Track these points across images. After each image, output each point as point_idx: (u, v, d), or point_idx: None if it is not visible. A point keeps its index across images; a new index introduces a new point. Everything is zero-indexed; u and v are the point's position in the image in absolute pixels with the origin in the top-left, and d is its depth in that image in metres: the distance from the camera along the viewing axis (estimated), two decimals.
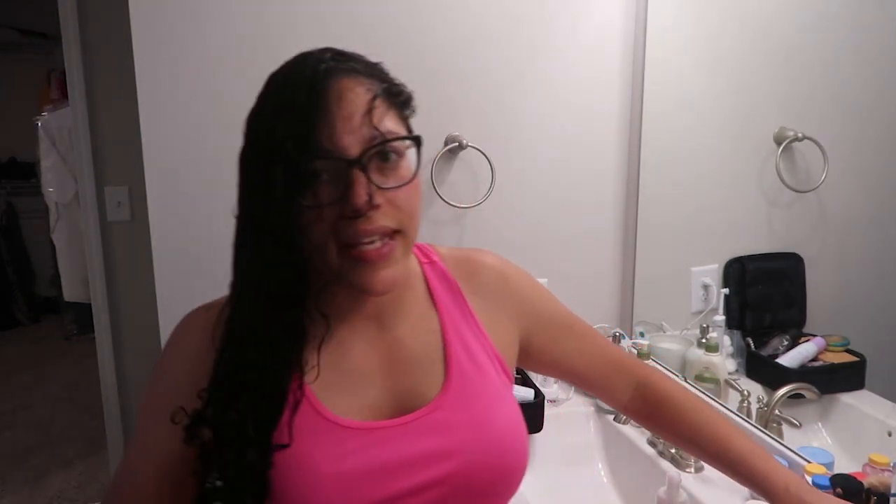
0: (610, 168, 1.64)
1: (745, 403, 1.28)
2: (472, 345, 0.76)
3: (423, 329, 0.75)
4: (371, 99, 0.63)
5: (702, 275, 1.46)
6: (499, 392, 0.75)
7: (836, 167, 1.16)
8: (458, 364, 0.73)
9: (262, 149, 0.63)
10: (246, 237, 0.66)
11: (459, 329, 0.76)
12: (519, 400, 1.37)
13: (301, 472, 0.63)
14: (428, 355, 0.74)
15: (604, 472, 1.40)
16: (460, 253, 0.84)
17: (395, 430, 0.68)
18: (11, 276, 4.73)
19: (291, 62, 0.66)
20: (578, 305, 1.63)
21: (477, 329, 0.78)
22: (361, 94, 0.63)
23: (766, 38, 1.32)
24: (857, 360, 1.16)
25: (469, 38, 1.48)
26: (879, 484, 0.89)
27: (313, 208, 0.61)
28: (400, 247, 0.65)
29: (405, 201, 0.65)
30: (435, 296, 0.77)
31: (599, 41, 1.57)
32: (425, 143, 0.72)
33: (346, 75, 0.64)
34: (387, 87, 0.67)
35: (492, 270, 0.83)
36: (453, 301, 0.78)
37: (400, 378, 0.72)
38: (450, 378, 0.72)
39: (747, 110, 1.38)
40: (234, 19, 1.34)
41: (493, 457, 0.70)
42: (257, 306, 0.65)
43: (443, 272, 0.80)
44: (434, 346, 0.74)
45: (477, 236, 1.56)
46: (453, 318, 0.77)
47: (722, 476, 1.19)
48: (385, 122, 0.64)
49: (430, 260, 0.80)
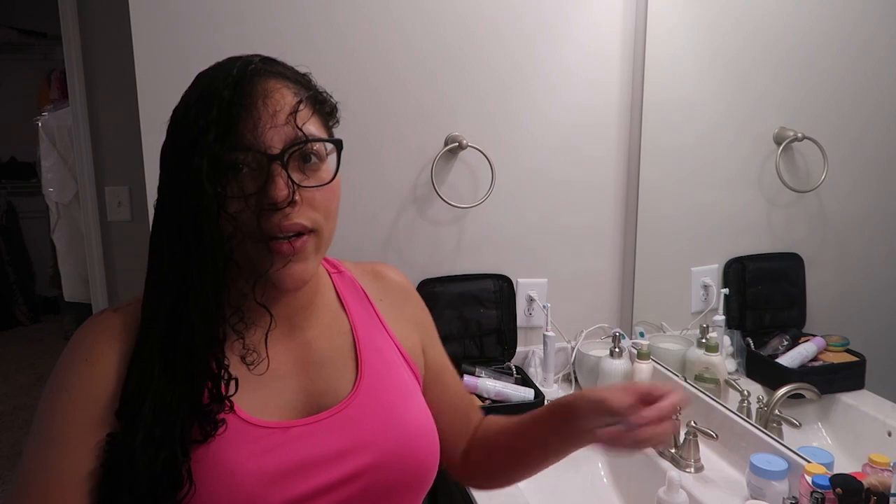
0: (610, 168, 1.64)
1: (745, 403, 1.28)
2: (381, 345, 0.80)
3: (334, 332, 0.78)
4: (297, 102, 0.65)
5: (702, 275, 1.46)
6: (408, 389, 0.78)
7: (836, 167, 1.16)
8: (370, 363, 0.76)
9: (184, 141, 0.64)
10: (163, 233, 0.66)
11: (369, 331, 0.80)
12: (518, 400, 1.39)
13: (218, 471, 0.63)
14: (340, 356, 0.76)
15: (604, 472, 1.40)
16: (365, 264, 0.89)
17: (309, 427, 0.69)
18: (11, 276, 4.73)
19: (219, 63, 0.68)
20: (578, 305, 1.65)
21: (385, 331, 0.82)
22: (287, 96, 0.65)
23: (766, 37, 1.32)
24: (857, 360, 1.16)
25: (469, 39, 1.48)
26: (879, 484, 0.89)
27: (232, 199, 0.62)
28: (312, 244, 0.67)
29: (322, 203, 0.67)
30: (344, 301, 0.81)
31: (599, 41, 1.57)
32: (425, 143, 0.72)
33: (273, 77, 0.66)
34: (313, 95, 0.69)
35: (395, 283, 0.89)
36: (361, 306, 0.82)
37: (313, 378, 0.73)
38: (361, 376, 0.75)
39: (747, 110, 1.38)
40: (234, 19, 1.34)
41: (405, 450, 0.72)
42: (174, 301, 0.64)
43: (350, 280, 0.84)
44: (345, 347, 0.77)
45: (477, 236, 1.56)
46: (363, 321, 0.80)
47: (722, 476, 1.20)
48: (309, 127, 0.66)
49: (337, 270, 0.84)
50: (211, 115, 0.62)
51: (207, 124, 0.62)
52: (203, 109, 0.63)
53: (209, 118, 0.62)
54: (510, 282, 1.59)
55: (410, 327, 0.86)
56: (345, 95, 1.55)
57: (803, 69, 1.25)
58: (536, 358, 1.59)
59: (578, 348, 1.60)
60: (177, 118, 0.67)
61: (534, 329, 1.63)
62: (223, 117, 0.62)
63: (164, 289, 0.65)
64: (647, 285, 1.62)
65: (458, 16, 1.47)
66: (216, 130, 0.62)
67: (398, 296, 0.87)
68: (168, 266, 0.65)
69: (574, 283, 1.65)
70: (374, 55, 1.43)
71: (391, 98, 1.46)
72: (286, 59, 0.70)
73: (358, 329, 0.79)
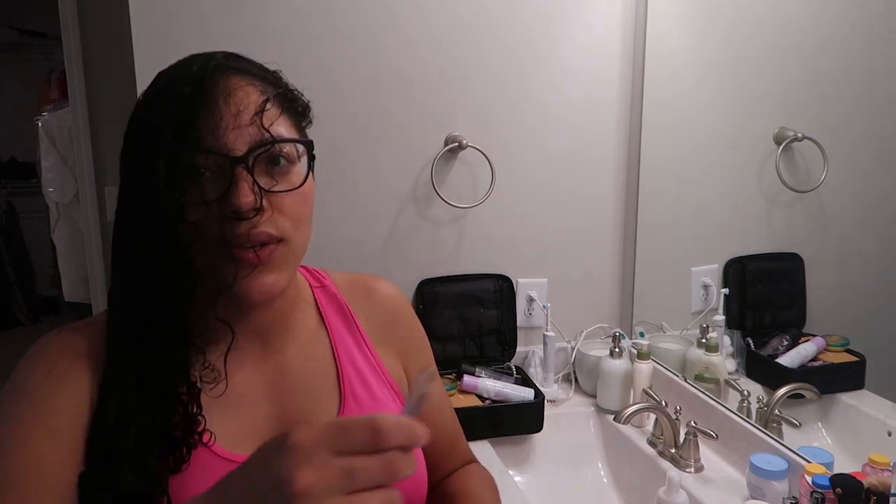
0: (610, 168, 1.64)
1: (745, 403, 1.28)
2: (364, 371, 0.73)
3: (313, 353, 0.71)
4: (263, 101, 0.60)
5: (702, 275, 1.46)
6: None
7: (836, 167, 1.16)
8: (352, 390, 0.70)
9: (140, 142, 0.59)
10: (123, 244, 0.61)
11: (352, 354, 0.73)
12: (518, 400, 1.39)
13: None
14: (318, 380, 0.70)
15: (604, 472, 1.41)
16: (355, 277, 0.81)
17: None
18: (11, 276, 4.73)
19: (181, 60, 0.64)
20: (578, 305, 1.65)
21: (370, 354, 0.75)
22: (252, 94, 0.60)
23: (767, 37, 1.32)
24: (857, 360, 1.16)
25: (469, 39, 1.48)
26: (879, 484, 0.89)
27: (192, 206, 0.57)
28: (281, 254, 0.61)
29: (292, 209, 0.61)
30: (326, 319, 0.74)
31: (599, 41, 1.57)
32: (425, 143, 0.71)
33: (237, 74, 0.61)
34: (281, 93, 0.63)
35: (386, 298, 0.81)
36: (345, 325, 0.75)
37: (286, 405, 0.67)
38: (344, 405, 0.69)
39: (747, 110, 1.38)
40: (234, 19, 1.34)
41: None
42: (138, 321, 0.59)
43: (334, 295, 0.77)
44: (325, 371, 0.71)
45: (477, 236, 1.56)
46: (345, 343, 0.74)
47: (722, 476, 1.20)
48: (277, 128, 0.61)
49: (321, 283, 0.78)
50: (168, 114, 0.57)
51: (165, 124, 0.57)
52: (160, 108, 0.58)
53: (166, 117, 0.57)
54: (510, 282, 1.59)
55: (398, 348, 0.79)
56: (344, 95, 1.55)
57: (803, 69, 1.25)
58: (536, 358, 1.58)
59: (578, 348, 1.60)
60: (133, 117, 0.61)
61: (534, 329, 1.63)
62: (182, 116, 0.57)
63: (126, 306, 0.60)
64: (647, 285, 1.62)
65: (458, 15, 1.47)
66: (174, 131, 0.56)
67: (388, 314, 0.80)
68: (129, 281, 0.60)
69: (574, 283, 1.65)
70: (374, 55, 1.43)
71: (391, 98, 1.45)
72: (280, 61, 0.67)
73: (339, 351, 0.73)
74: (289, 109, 0.64)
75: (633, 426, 1.37)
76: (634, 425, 1.38)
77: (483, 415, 1.36)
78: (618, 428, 1.37)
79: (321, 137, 1.36)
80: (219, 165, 0.58)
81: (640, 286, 1.63)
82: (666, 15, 1.51)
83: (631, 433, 1.36)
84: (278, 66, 0.67)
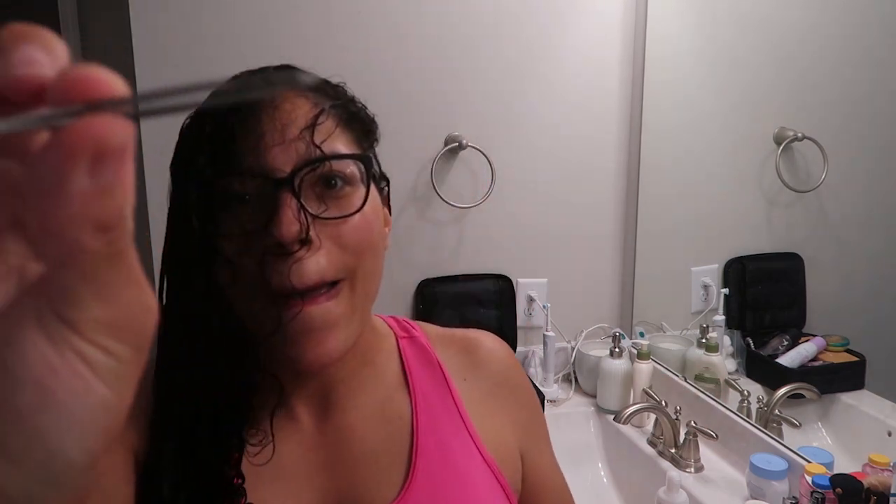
0: (610, 168, 1.64)
1: (745, 403, 1.28)
2: (450, 441, 0.59)
3: (386, 415, 0.59)
4: (316, 114, 0.50)
5: (702, 275, 1.46)
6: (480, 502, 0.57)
7: (836, 167, 1.16)
8: (427, 463, 0.56)
9: (177, 167, 0.51)
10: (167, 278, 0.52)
11: (437, 419, 0.59)
12: None
13: None
14: (388, 449, 0.57)
15: (604, 472, 1.40)
16: (453, 330, 0.68)
17: None
18: None
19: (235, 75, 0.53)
20: (578, 305, 1.65)
21: (461, 421, 0.60)
22: (303, 107, 0.50)
23: (767, 37, 1.32)
24: (857, 360, 1.16)
25: (469, 39, 1.48)
26: (879, 484, 0.89)
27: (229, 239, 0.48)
28: (344, 301, 0.50)
29: (352, 237, 0.50)
30: (410, 375, 0.61)
31: (599, 41, 1.57)
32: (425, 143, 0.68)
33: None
34: (340, 104, 0.53)
35: (493, 359, 0.66)
36: (433, 384, 0.62)
37: (346, 478, 0.56)
38: (412, 482, 0.55)
39: (747, 110, 1.38)
40: (234, 19, 1.34)
41: None
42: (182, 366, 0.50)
43: (424, 348, 0.64)
44: (398, 437, 0.58)
45: (477, 236, 1.56)
46: (430, 405, 0.60)
47: (722, 476, 1.20)
48: (333, 143, 0.50)
49: (408, 334, 0.65)
50: (204, 133, 0.49)
51: (200, 144, 0.49)
52: (197, 129, 0.50)
53: (202, 136, 0.49)
54: (510, 282, 1.59)
55: (504, 420, 0.64)
56: None
57: (803, 69, 1.25)
58: (536, 358, 1.59)
59: (578, 348, 1.60)
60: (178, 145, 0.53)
61: (534, 329, 1.63)
62: (218, 135, 0.48)
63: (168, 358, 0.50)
64: (647, 285, 1.62)
65: (458, 15, 1.47)
66: (209, 150, 0.48)
67: (493, 376, 0.65)
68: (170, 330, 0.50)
69: (574, 283, 1.65)
70: (374, 55, 1.43)
71: (391, 98, 1.45)
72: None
73: (420, 414, 0.59)
74: (349, 124, 0.53)
75: (633, 426, 1.37)
76: (634, 425, 1.38)
77: None
78: (618, 428, 1.37)
79: None
80: (260, 190, 0.48)
81: (640, 286, 1.63)
82: (666, 16, 1.51)
83: (631, 433, 1.36)
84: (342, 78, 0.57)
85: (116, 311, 0.19)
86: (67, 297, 0.18)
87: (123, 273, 0.19)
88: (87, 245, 0.17)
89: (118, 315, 0.19)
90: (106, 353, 0.19)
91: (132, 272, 0.19)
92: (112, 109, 0.18)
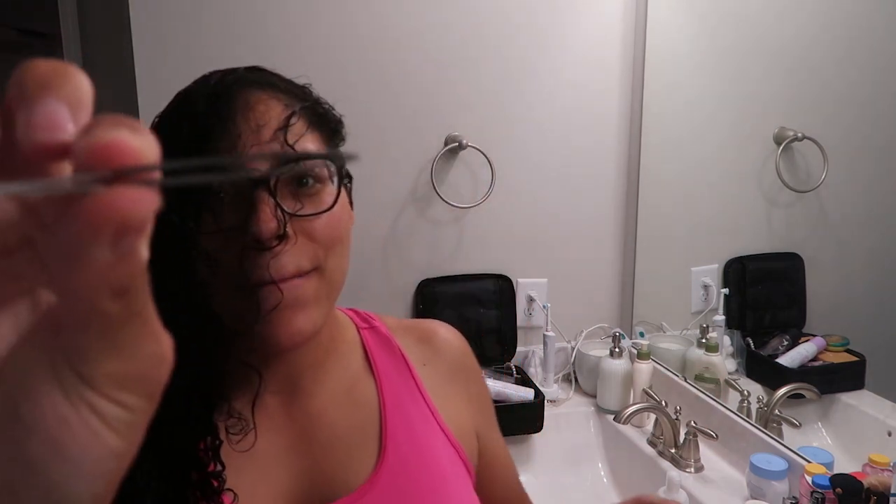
0: (610, 167, 1.64)
1: (745, 403, 1.28)
2: (415, 420, 0.63)
3: (353, 400, 0.63)
4: (288, 115, 0.53)
5: (702, 275, 1.46)
6: (448, 476, 0.62)
7: (836, 167, 1.16)
8: (396, 445, 0.61)
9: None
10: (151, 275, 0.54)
11: (402, 401, 0.64)
12: (518, 400, 1.39)
13: None
14: (357, 432, 0.61)
15: (604, 472, 1.41)
16: (411, 321, 0.74)
17: None
18: None
19: (202, 76, 0.58)
20: (578, 305, 1.65)
21: (424, 404, 0.65)
22: (275, 108, 0.53)
23: (767, 38, 1.32)
24: (857, 360, 1.16)
25: (469, 39, 1.48)
26: (879, 484, 0.89)
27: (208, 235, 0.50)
28: (313, 286, 0.53)
29: (324, 232, 0.53)
30: (374, 362, 0.65)
31: (599, 41, 1.57)
32: (425, 143, 0.69)
33: (258, 87, 0.54)
34: (309, 106, 0.56)
35: (449, 346, 0.72)
36: (396, 369, 0.66)
37: (319, 460, 0.59)
38: (384, 461, 0.59)
39: (747, 110, 1.38)
40: (235, 20, 1.34)
41: None
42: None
43: (385, 337, 0.68)
44: (367, 420, 0.62)
45: (477, 236, 1.56)
46: (394, 389, 0.64)
47: (722, 476, 1.20)
48: (304, 144, 0.53)
49: (369, 325, 0.69)
50: (181, 134, 0.51)
51: (177, 144, 0.50)
52: (173, 128, 0.52)
53: (180, 137, 0.51)
54: (510, 282, 1.59)
55: (461, 402, 0.69)
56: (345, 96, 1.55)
57: (803, 69, 1.25)
58: (536, 358, 1.59)
59: (578, 348, 1.60)
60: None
61: (534, 329, 1.63)
62: (195, 135, 0.51)
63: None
64: (647, 285, 1.62)
65: (458, 15, 1.47)
66: (186, 152, 0.50)
67: (450, 362, 0.70)
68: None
69: (574, 283, 1.65)
70: (375, 55, 1.43)
71: (392, 98, 1.45)
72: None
73: (387, 398, 0.63)
74: (318, 125, 0.57)
75: (633, 426, 1.37)
76: (634, 425, 1.38)
77: None
78: (618, 428, 1.37)
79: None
80: (237, 188, 0.51)
81: (640, 286, 1.63)
82: (667, 16, 1.51)
83: (631, 433, 1.36)
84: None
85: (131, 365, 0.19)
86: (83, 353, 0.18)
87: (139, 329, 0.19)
88: (105, 309, 0.18)
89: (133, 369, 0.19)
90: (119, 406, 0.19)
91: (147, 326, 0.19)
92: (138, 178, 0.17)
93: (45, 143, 0.17)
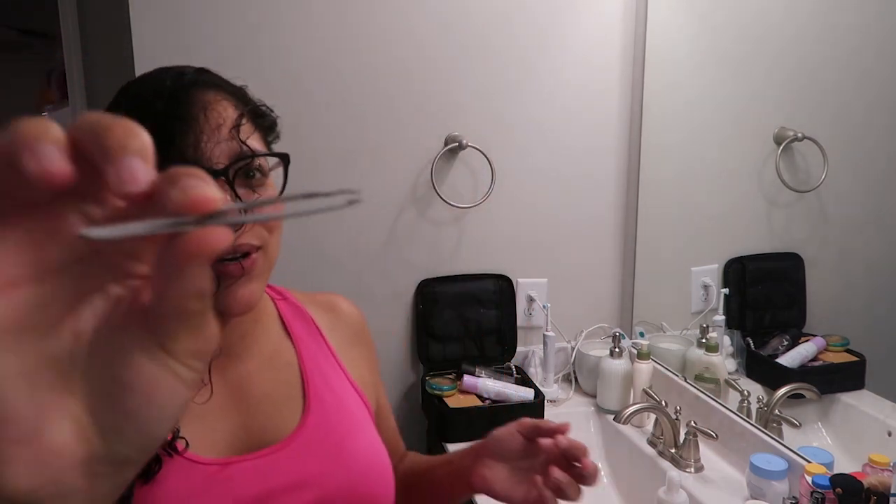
0: (610, 167, 1.64)
1: (745, 403, 1.28)
2: (330, 377, 0.75)
3: (277, 363, 0.74)
4: (238, 115, 0.62)
5: (702, 275, 1.46)
6: (360, 422, 0.74)
7: (836, 167, 1.16)
8: (318, 396, 0.72)
9: None
10: None
11: (318, 361, 0.76)
12: (518, 400, 1.39)
13: None
14: (283, 389, 0.72)
15: (604, 472, 1.40)
16: (317, 295, 0.85)
17: (249, 464, 0.66)
18: None
19: (148, 74, 0.65)
20: (578, 305, 1.65)
21: (335, 362, 0.78)
22: (228, 109, 0.62)
23: (767, 38, 1.32)
24: (857, 360, 1.16)
25: (469, 38, 1.48)
26: (879, 484, 0.89)
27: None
28: (261, 263, 0.63)
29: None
30: (291, 329, 0.76)
31: (599, 41, 1.57)
32: (425, 143, 0.71)
33: (212, 89, 0.63)
34: (253, 109, 0.65)
35: (349, 316, 0.85)
36: (309, 334, 0.78)
37: (252, 415, 0.69)
38: (308, 411, 0.71)
39: (747, 110, 1.38)
40: (234, 20, 1.34)
41: (355, 486, 0.69)
42: None
43: (297, 307, 0.79)
44: (291, 379, 0.73)
45: (477, 236, 1.56)
46: (311, 351, 0.76)
47: (722, 476, 1.20)
48: (252, 142, 0.62)
49: (283, 297, 0.80)
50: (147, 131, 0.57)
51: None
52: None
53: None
54: (510, 282, 1.59)
55: (362, 360, 0.82)
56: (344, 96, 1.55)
57: (803, 69, 1.25)
58: (536, 358, 1.59)
59: (578, 348, 1.60)
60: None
61: (534, 329, 1.63)
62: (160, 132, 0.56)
63: None
64: (647, 285, 1.62)
65: (458, 15, 1.47)
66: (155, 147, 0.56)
67: (351, 329, 0.84)
68: None
69: (574, 283, 1.65)
70: (375, 55, 1.43)
71: (392, 98, 1.46)
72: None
73: (305, 359, 0.75)
74: (259, 125, 0.66)
75: (633, 426, 1.37)
76: (634, 425, 1.38)
77: (483, 415, 1.36)
78: (618, 428, 1.37)
79: (322, 137, 1.36)
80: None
81: (640, 286, 1.63)
82: (667, 16, 1.51)
83: (631, 433, 1.36)
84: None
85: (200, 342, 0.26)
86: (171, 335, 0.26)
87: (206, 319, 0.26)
88: (191, 308, 0.25)
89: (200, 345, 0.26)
90: (190, 369, 0.26)
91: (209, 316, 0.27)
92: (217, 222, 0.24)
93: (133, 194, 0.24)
